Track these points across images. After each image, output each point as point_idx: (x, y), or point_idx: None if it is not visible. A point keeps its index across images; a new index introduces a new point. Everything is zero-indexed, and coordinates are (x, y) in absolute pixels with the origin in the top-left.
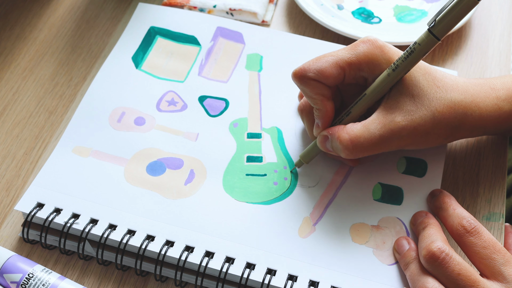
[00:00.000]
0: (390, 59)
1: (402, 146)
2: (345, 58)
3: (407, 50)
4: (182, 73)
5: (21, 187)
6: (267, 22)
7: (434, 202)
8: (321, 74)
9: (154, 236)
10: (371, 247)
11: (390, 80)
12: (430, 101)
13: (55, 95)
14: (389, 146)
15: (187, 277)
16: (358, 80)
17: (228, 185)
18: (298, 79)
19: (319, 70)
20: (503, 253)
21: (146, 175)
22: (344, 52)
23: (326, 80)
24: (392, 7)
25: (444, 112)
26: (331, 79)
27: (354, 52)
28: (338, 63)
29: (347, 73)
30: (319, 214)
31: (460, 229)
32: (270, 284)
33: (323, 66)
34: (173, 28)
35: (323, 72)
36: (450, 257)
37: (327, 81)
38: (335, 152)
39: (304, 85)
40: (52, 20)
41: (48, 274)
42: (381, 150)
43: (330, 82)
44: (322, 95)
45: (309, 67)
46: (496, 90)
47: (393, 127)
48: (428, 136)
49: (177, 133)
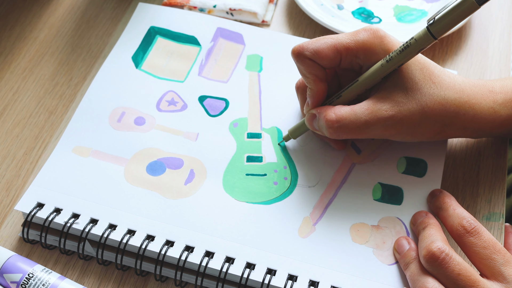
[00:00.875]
0: (388, 50)
1: (386, 136)
2: (343, 42)
3: (403, 43)
4: (182, 73)
5: (21, 187)
6: (267, 22)
7: (434, 202)
8: (317, 54)
9: (154, 236)
10: (371, 247)
11: (383, 70)
12: (422, 96)
13: (55, 95)
14: (373, 133)
15: (187, 277)
16: (354, 66)
17: (228, 185)
18: (295, 56)
19: (316, 50)
20: (503, 253)
21: (146, 175)
22: (344, 36)
23: (321, 61)
24: (392, 7)
25: (434, 108)
26: (326, 61)
27: (353, 38)
28: (336, 46)
29: (343, 58)
30: (319, 214)
31: (460, 229)
32: (270, 284)
33: (321, 47)
34: (173, 28)
35: (320, 52)
36: (450, 257)
37: (322, 62)
38: (320, 132)
39: (300, 63)
40: (52, 20)
41: (48, 274)
42: (365, 135)
43: (325, 63)
44: (315, 75)
45: (307, 46)
46: (494, 93)
47: (379, 115)
48: (415, 129)
49: (177, 133)
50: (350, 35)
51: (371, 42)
